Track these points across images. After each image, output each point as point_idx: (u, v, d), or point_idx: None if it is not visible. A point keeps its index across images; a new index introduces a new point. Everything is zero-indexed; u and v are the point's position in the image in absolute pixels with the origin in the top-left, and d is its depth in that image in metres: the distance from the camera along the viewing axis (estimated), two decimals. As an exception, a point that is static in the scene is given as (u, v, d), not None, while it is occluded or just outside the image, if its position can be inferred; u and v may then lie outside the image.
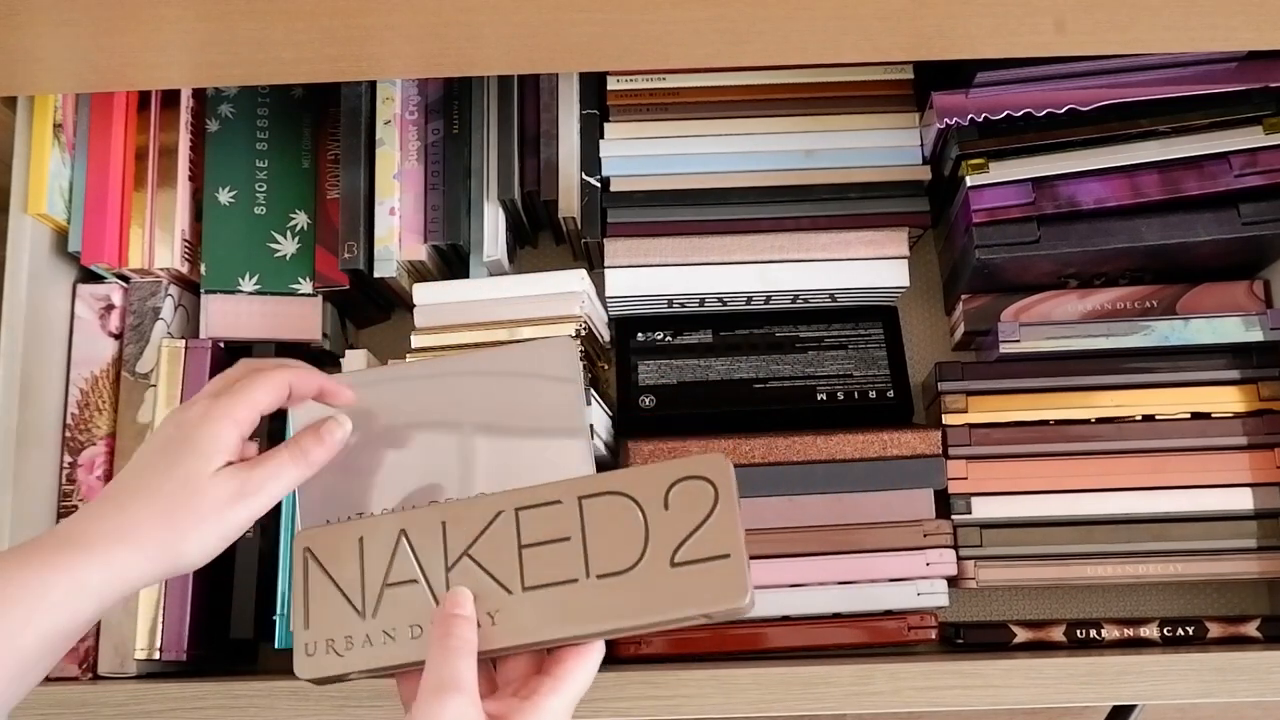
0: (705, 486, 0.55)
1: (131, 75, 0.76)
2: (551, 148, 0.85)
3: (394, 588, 0.57)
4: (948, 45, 0.71)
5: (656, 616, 0.54)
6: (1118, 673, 0.72)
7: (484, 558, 0.56)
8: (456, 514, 0.57)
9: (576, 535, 0.55)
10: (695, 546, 0.54)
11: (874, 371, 0.88)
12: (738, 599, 0.53)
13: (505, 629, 0.55)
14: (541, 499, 0.57)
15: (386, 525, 0.58)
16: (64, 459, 0.82)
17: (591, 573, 0.55)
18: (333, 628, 0.56)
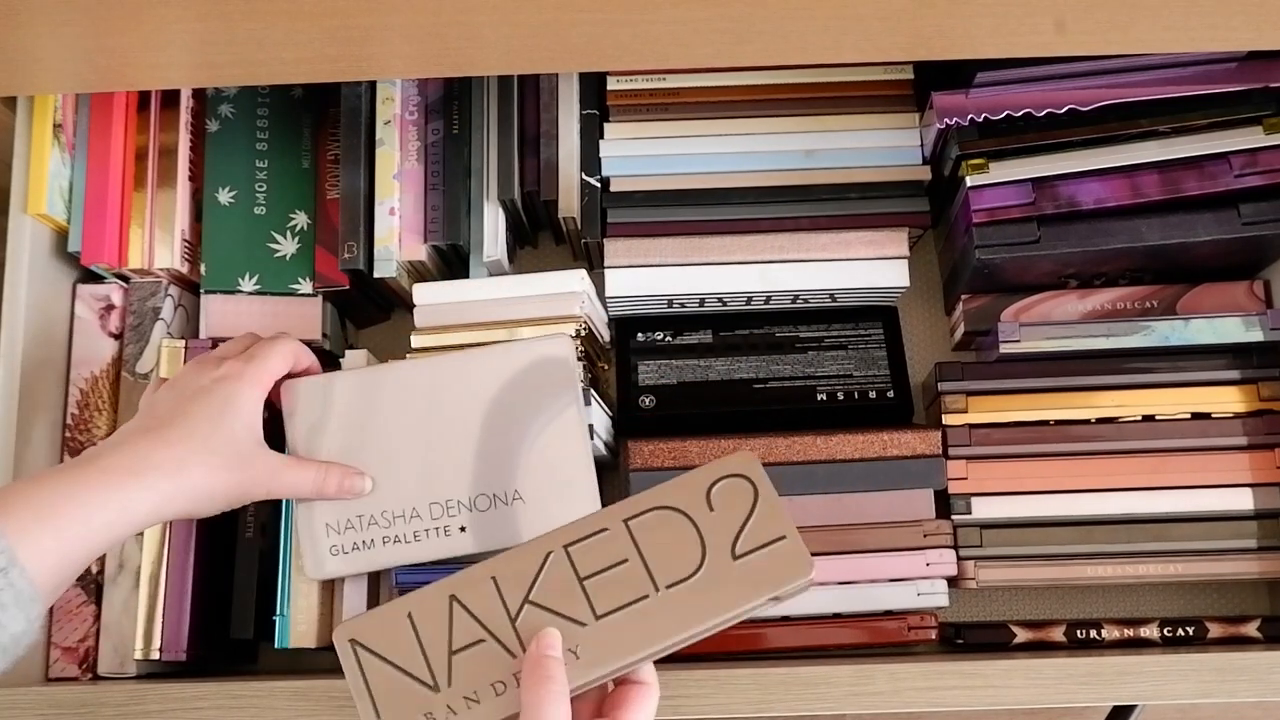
0: (741, 483, 0.58)
1: (131, 75, 0.76)
2: (551, 148, 0.85)
3: (462, 653, 0.56)
4: (948, 45, 0.71)
5: (735, 609, 0.56)
6: (1118, 673, 0.72)
7: (547, 600, 0.56)
8: (505, 567, 0.57)
9: (634, 556, 0.57)
10: (751, 537, 0.57)
11: (874, 371, 0.88)
12: (806, 572, 0.56)
13: (591, 660, 0.55)
14: (587, 531, 0.57)
15: (433, 596, 0.57)
16: (64, 459, 0.81)
17: (660, 585, 0.56)
18: (409, 710, 0.55)
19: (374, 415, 0.74)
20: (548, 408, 0.72)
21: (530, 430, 0.72)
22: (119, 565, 0.80)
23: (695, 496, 0.57)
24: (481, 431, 0.72)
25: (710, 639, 0.79)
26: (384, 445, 0.73)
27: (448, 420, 0.73)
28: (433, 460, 0.73)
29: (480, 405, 0.73)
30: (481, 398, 0.73)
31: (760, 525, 0.57)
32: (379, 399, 0.74)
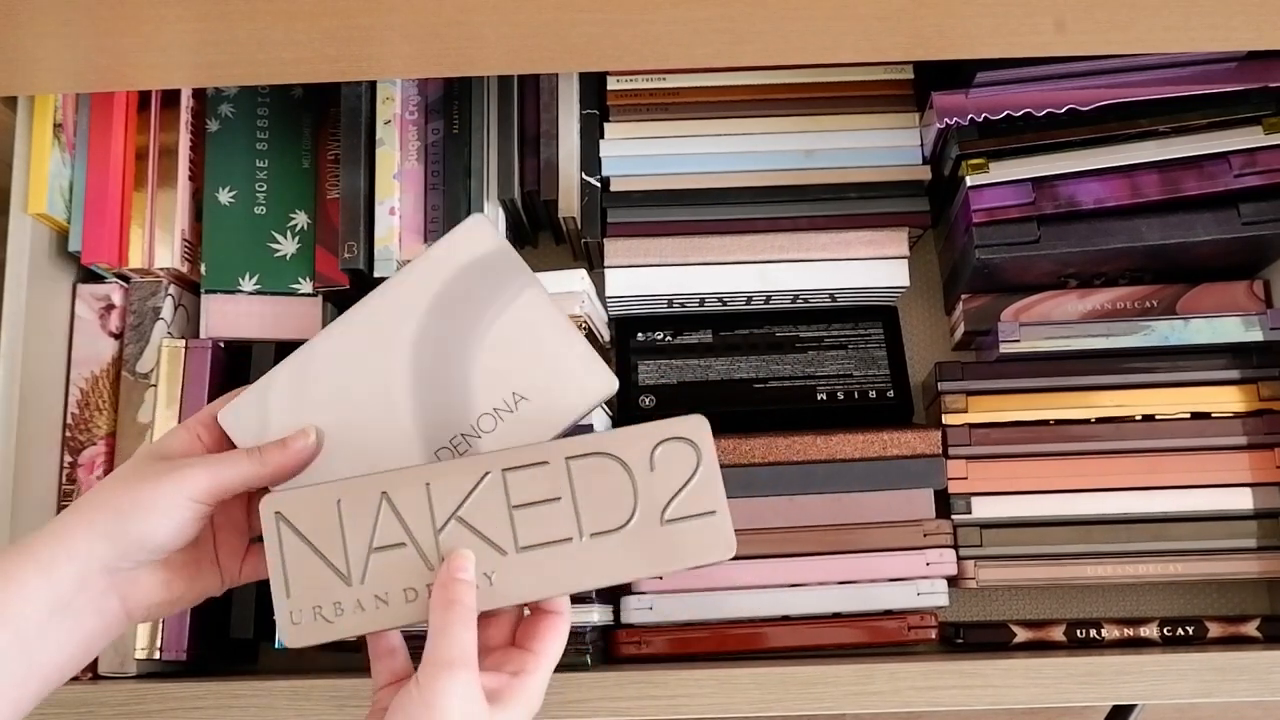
0: (687, 448, 0.58)
1: (131, 75, 0.76)
2: (551, 148, 0.85)
3: (381, 552, 0.57)
4: (948, 45, 0.71)
5: (649, 571, 0.57)
6: (1117, 673, 0.72)
7: (475, 520, 0.57)
8: (441, 475, 0.57)
9: (567, 496, 0.57)
10: (683, 504, 0.57)
11: (874, 371, 0.88)
12: (725, 553, 0.57)
13: (503, 589, 0.56)
14: (528, 460, 0.57)
15: (365, 487, 0.57)
16: (64, 459, 0.82)
17: (585, 532, 0.57)
18: (318, 594, 0.56)
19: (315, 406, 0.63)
20: (492, 303, 0.62)
21: (480, 341, 0.62)
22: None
23: (640, 452, 0.58)
24: (418, 378, 0.62)
25: (710, 639, 0.80)
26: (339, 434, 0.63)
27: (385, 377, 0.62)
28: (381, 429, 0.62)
29: (407, 348, 0.62)
30: (406, 336, 0.62)
31: (694, 495, 0.57)
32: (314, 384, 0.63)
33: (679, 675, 0.73)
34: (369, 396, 0.62)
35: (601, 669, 0.77)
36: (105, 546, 0.54)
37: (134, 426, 0.81)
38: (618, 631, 0.81)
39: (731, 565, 0.80)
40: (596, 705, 0.73)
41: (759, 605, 0.80)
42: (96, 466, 0.81)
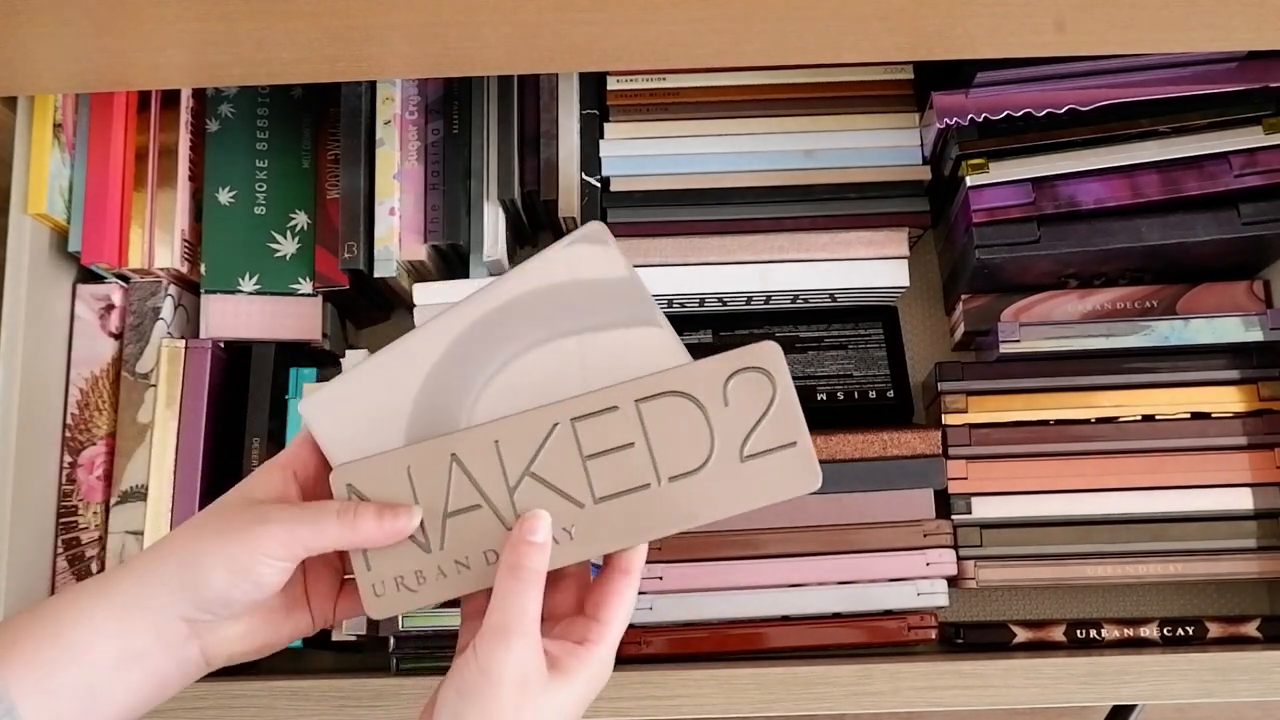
0: (760, 377, 0.54)
1: (131, 75, 0.76)
2: (551, 148, 0.85)
3: (457, 516, 0.54)
4: (948, 45, 0.71)
5: (733, 509, 0.55)
6: (1118, 673, 0.72)
7: (548, 474, 0.54)
8: (508, 431, 0.54)
9: (640, 441, 0.54)
10: (761, 438, 0.54)
11: (874, 371, 0.88)
12: (812, 484, 0.55)
13: (583, 543, 0.54)
14: (597, 406, 0.54)
15: (434, 451, 0.54)
16: (64, 459, 0.82)
17: (662, 477, 0.54)
18: (399, 565, 0.54)
19: (406, 398, 0.58)
20: (608, 307, 0.58)
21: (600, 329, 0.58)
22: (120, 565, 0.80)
23: (712, 387, 0.54)
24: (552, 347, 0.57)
25: (710, 639, 0.80)
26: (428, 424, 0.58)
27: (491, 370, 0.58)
28: None
29: (536, 325, 0.58)
30: (534, 319, 0.58)
31: (773, 427, 0.54)
32: (406, 377, 0.58)
33: (679, 675, 0.73)
34: (470, 387, 0.57)
35: (601, 669, 0.77)
36: (184, 600, 0.51)
37: (134, 427, 0.81)
38: (618, 631, 0.81)
39: (732, 565, 0.81)
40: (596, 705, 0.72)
41: (759, 605, 0.80)
42: (96, 467, 0.81)
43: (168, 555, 0.51)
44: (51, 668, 0.49)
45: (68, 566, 0.80)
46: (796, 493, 0.55)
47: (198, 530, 0.52)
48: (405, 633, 0.78)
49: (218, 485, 0.82)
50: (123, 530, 0.80)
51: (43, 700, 0.49)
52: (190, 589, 0.50)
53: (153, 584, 0.51)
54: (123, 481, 0.81)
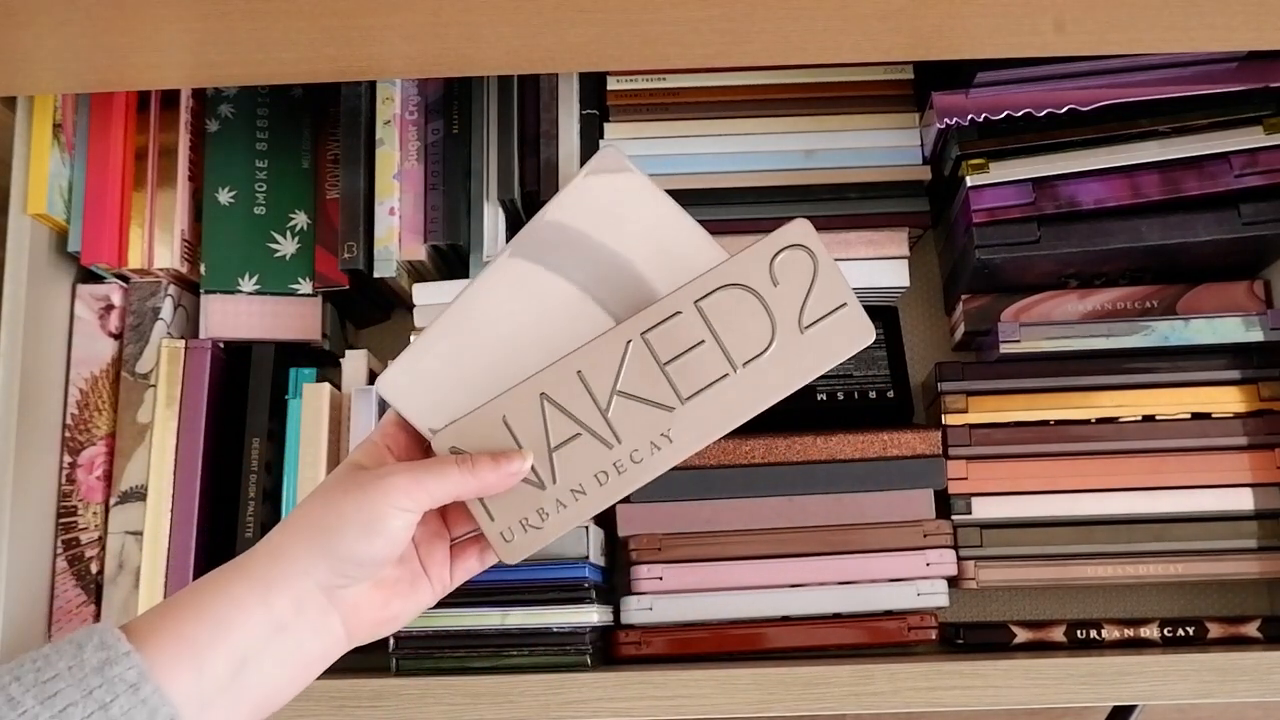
0: (800, 253, 0.59)
1: (131, 75, 0.76)
2: (551, 148, 0.85)
3: (562, 449, 0.58)
4: (948, 45, 0.71)
5: (807, 378, 0.59)
6: (1118, 673, 0.72)
7: (635, 389, 0.58)
8: (589, 359, 0.58)
9: (709, 336, 0.58)
10: (815, 307, 0.59)
11: (874, 371, 0.88)
12: (868, 337, 0.59)
13: (684, 440, 0.58)
14: (661, 316, 0.58)
15: (523, 395, 0.58)
16: (64, 459, 0.82)
17: (737, 364, 0.58)
18: (521, 508, 0.57)
19: (481, 349, 0.60)
20: (637, 220, 0.62)
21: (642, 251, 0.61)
22: (119, 565, 0.80)
23: (760, 271, 0.59)
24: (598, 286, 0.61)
25: (710, 639, 0.80)
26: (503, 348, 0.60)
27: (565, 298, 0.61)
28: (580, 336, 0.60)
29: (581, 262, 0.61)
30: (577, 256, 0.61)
31: (822, 294, 0.59)
32: (474, 331, 0.60)
33: (679, 675, 0.73)
34: (551, 317, 0.60)
35: (601, 669, 0.77)
36: (320, 564, 0.52)
37: (133, 427, 0.81)
38: (618, 632, 0.81)
39: (732, 565, 0.81)
40: (596, 705, 0.73)
41: (759, 605, 0.80)
42: (96, 467, 0.81)
43: (299, 526, 0.53)
44: (198, 647, 0.49)
45: (68, 566, 0.80)
46: (856, 348, 0.59)
47: (323, 498, 0.53)
48: (405, 633, 0.78)
49: (217, 485, 0.82)
50: (122, 530, 0.80)
51: (191, 679, 0.48)
52: (325, 553, 0.52)
53: (288, 555, 0.52)
54: (122, 482, 0.81)
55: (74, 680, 0.46)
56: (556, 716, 0.73)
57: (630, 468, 0.58)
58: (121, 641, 0.47)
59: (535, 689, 0.73)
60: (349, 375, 0.84)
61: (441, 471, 0.54)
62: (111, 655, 0.47)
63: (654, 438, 0.58)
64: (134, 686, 0.47)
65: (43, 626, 0.80)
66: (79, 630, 0.48)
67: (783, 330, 0.58)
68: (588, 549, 0.78)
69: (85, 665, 0.47)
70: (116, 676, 0.46)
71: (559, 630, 0.77)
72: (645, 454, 0.58)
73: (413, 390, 0.59)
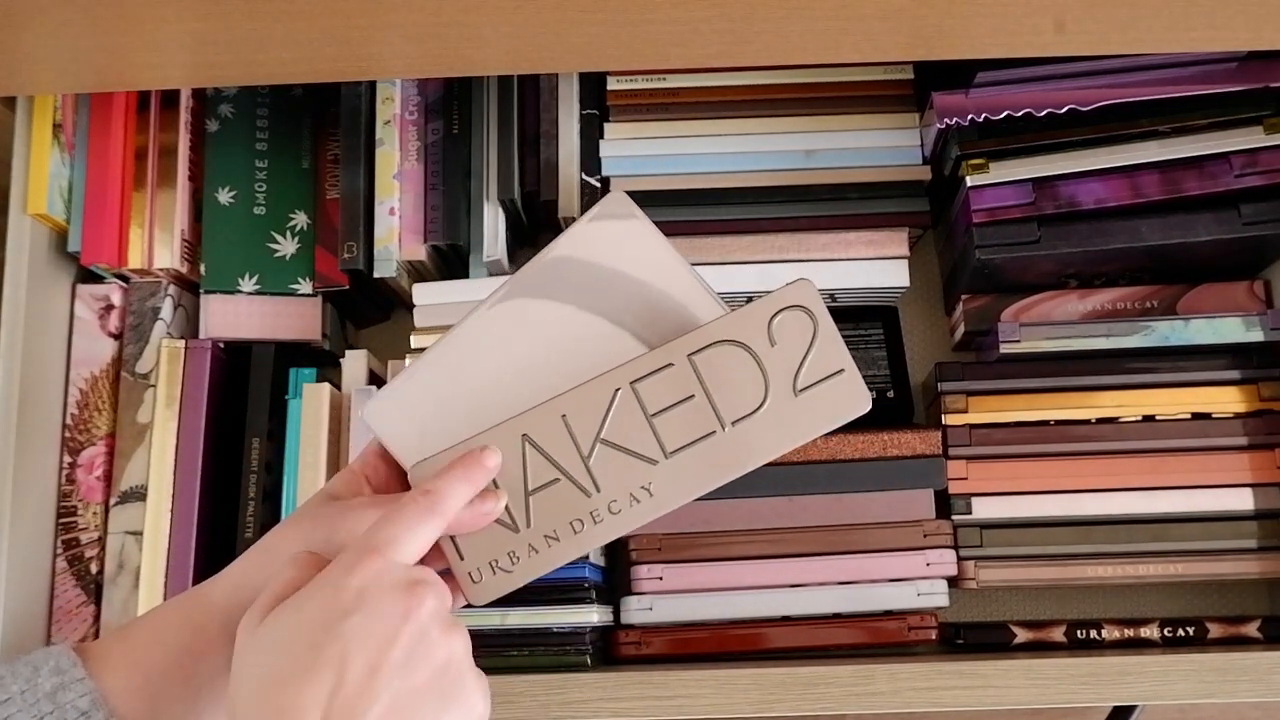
0: (800, 314, 0.58)
1: (131, 75, 0.76)
2: (551, 148, 0.85)
3: (539, 493, 0.56)
4: (948, 45, 0.71)
5: (797, 440, 0.57)
6: (1118, 673, 0.72)
7: (618, 438, 0.57)
8: (573, 404, 0.57)
9: (699, 391, 0.57)
10: (811, 370, 0.57)
11: (874, 371, 0.88)
12: (862, 406, 0.57)
13: (664, 496, 0.57)
14: (653, 366, 0.57)
15: (505, 434, 0.57)
16: (64, 459, 0.81)
17: (726, 422, 0.57)
18: (491, 549, 0.56)
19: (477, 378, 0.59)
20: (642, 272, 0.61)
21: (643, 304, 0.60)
22: (119, 565, 0.80)
23: (757, 330, 0.58)
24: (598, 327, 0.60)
25: (710, 639, 0.80)
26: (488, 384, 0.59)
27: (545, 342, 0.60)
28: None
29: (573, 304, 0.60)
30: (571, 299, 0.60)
31: (819, 359, 0.57)
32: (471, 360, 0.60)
33: (679, 676, 0.73)
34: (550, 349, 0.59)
35: (601, 669, 0.77)
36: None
37: (133, 427, 0.81)
38: (618, 632, 0.81)
39: (732, 565, 0.81)
40: (596, 705, 0.73)
41: (759, 605, 0.80)
42: (96, 467, 0.81)
43: (262, 556, 0.52)
44: (155, 674, 0.49)
45: (67, 567, 0.80)
46: (852, 415, 0.57)
47: (291, 528, 0.52)
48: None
49: (217, 485, 0.82)
50: (122, 530, 0.80)
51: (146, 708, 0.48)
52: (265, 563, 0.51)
53: (252, 585, 0.50)
54: (122, 482, 0.81)
55: (26, 705, 0.46)
56: (556, 716, 0.73)
57: (606, 518, 0.56)
58: (76, 667, 0.47)
59: (535, 689, 0.73)
60: (349, 375, 0.84)
61: (404, 508, 0.51)
62: (65, 680, 0.47)
63: (634, 490, 0.56)
64: (86, 714, 0.46)
65: (43, 626, 0.79)
66: (38, 652, 0.48)
67: (776, 392, 0.57)
68: (588, 549, 0.78)
69: (39, 690, 0.46)
70: (69, 703, 0.46)
71: (559, 630, 0.77)
72: (624, 505, 0.56)
73: (399, 421, 0.57)
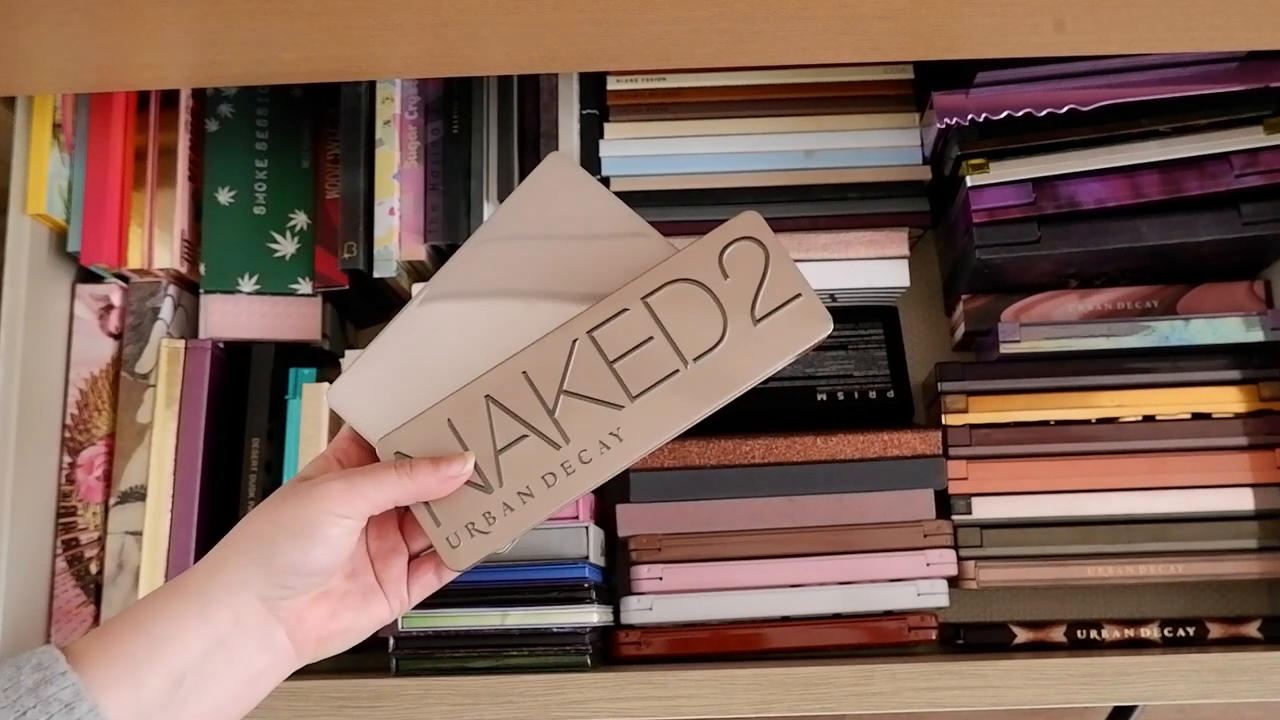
0: (751, 245, 0.58)
1: (131, 75, 0.76)
2: (551, 148, 0.85)
3: (508, 451, 0.57)
4: (948, 45, 0.71)
5: (761, 373, 0.57)
6: (1118, 673, 0.72)
7: (582, 388, 0.57)
8: (533, 360, 0.57)
9: (658, 333, 0.57)
10: (768, 299, 0.57)
11: (874, 371, 0.88)
12: (824, 329, 0.57)
13: (634, 440, 0.56)
14: (608, 314, 0.57)
15: (468, 397, 0.57)
16: (63, 459, 0.81)
17: (688, 359, 0.57)
18: (466, 512, 0.56)
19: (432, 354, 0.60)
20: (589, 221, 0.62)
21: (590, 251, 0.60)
22: (119, 565, 0.80)
23: (708, 265, 0.58)
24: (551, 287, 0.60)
25: (710, 639, 0.80)
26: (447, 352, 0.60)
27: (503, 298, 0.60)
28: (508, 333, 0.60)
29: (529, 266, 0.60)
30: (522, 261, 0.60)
31: (775, 286, 0.57)
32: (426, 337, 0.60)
33: (679, 676, 0.73)
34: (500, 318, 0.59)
35: (601, 669, 0.77)
36: (257, 576, 0.51)
37: (133, 427, 0.81)
38: (618, 632, 0.81)
39: (732, 565, 0.81)
40: (596, 706, 0.73)
41: (759, 606, 0.80)
42: (96, 467, 0.81)
43: (236, 539, 0.52)
44: (134, 664, 0.49)
45: (67, 567, 0.80)
46: (813, 340, 0.57)
47: (261, 510, 0.53)
48: (405, 633, 0.78)
49: (217, 485, 0.82)
50: (122, 531, 0.80)
51: (129, 697, 0.48)
52: (261, 563, 0.51)
53: (225, 568, 0.51)
54: (122, 482, 0.81)
55: (8, 702, 0.46)
56: (556, 716, 0.73)
57: (579, 469, 0.56)
58: (59, 662, 0.47)
59: (535, 689, 0.73)
60: (349, 375, 0.84)
61: (378, 477, 0.53)
62: (48, 675, 0.47)
63: (603, 437, 0.56)
64: (69, 706, 0.46)
65: (42, 626, 0.80)
66: (21, 653, 0.49)
67: (735, 324, 0.57)
68: (588, 549, 0.78)
69: (21, 686, 0.47)
70: (51, 696, 0.46)
71: (559, 630, 0.77)
72: (594, 454, 0.56)
73: (362, 400, 0.58)
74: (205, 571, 0.52)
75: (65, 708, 0.46)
